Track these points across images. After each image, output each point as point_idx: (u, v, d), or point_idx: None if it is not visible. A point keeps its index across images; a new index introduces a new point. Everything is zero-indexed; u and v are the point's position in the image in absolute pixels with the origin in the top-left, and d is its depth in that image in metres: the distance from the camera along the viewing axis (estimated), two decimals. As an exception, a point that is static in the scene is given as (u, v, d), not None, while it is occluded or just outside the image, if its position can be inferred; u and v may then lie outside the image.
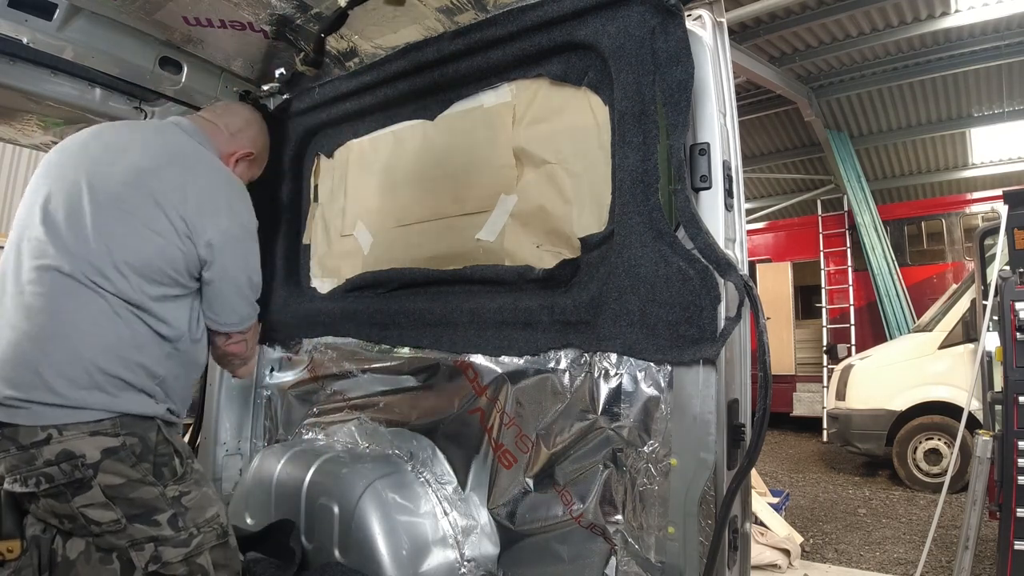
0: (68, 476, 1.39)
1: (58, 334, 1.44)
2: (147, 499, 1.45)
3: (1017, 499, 3.02)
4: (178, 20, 1.97)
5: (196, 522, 1.51)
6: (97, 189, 1.54)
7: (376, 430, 2.11)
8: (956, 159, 10.33)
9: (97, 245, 1.50)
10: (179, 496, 1.51)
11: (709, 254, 1.37)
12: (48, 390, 1.40)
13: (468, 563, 1.79)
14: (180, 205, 1.57)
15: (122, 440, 1.45)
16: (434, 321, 1.91)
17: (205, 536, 1.52)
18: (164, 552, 1.45)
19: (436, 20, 1.84)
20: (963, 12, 7.04)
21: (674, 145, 1.43)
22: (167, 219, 1.55)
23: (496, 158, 1.89)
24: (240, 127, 1.89)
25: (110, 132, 1.72)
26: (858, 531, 4.97)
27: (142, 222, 1.53)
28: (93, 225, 1.51)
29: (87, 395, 1.43)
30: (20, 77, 2.00)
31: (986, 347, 3.90)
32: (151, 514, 1.45)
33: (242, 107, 2.01)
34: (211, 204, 1.63)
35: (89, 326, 1.46)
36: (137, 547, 1.43)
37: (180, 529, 1.48)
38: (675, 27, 1.43)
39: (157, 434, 1.53)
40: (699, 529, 1.37)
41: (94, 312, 1.47)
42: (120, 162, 1.59)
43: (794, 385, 9.64)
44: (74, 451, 1.39)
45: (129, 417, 1.47)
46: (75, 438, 1.40)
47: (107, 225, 1.52)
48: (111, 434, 1.43)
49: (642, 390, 1.52)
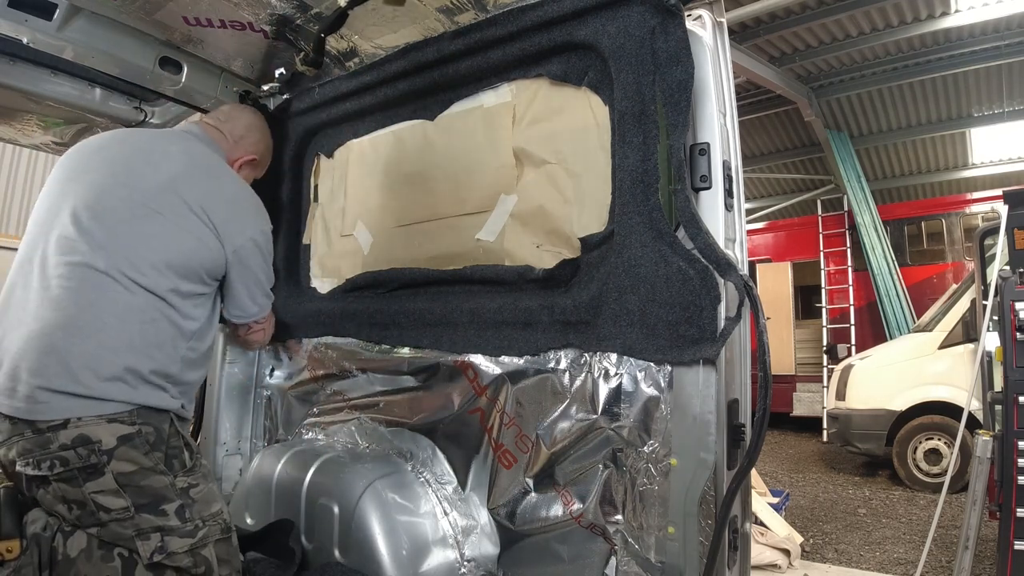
0: (83, 460, 1.42)
1: (87, 326, 1.49)
2: (157, 488, 1.49)
3: (1017, 499, 3.02)
4: (178, 20, 1.97)
5: (202, 515, 1.54)
6: (133, 189, 1.63)
7: (376, 430, 2.11)
8: (956, 159, 10.33)
9: (134, 243, 1.57)
10: (187, 488, 1.54)
11: (709, 254, 1.37)
12: (73, 379, 1.44)
13: (468, 563, 1.79)
14: (211, 212, 1.68)
15: (138, 428, 1.49)
16: (434, 321, 1.91)
17: (210, 529, 1.54)
18: (170, 542, 1.47)
19: (436, 20, 1.84)
20: (963, 12, 7.04)
21: (674, 145, 1.43)
22: (200, 222, 1.66)
23: (496, 158, 1.89)
24: (242, 134, 1.97)
25: (135, 138, 1.82)
26: (858, 531, 4.97)
27: (177, 224, 1.63)
28: (130, 224, 1.59)
29: (109, 387, 1.47)
30: (20, 77, 2.00)
31: (986, 347, 3.90)
32: (159, 503, 1.48)
33: (243, 112, 2.06)
34: (237, 212, 1.77)
35: (117, 321, 1.51)
36: (143, 536, 1.45)
37: (187, 520, 1.50)
38: (675, 27, 1.43)
39: (170, 426, 1.58)
40: (699, 529, 1.37)
41: (122, 308, 1.53)
42: (152, 167, 1.68)
43: (794, 385, 9.64)
44: (91, 436, 1.43)
45: (146, 408, 1.52)
46: (92, 424, 1.44)
47: (144, 225, 1.60)
48: (128, 422, 1.48)
49: (642, 390, 1.52)
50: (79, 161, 1.71)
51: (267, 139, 2.09)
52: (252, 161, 2.01)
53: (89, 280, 1.52)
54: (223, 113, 2.00)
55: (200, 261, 1.66)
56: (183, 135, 1.85)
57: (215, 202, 1.70)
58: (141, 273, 1.56)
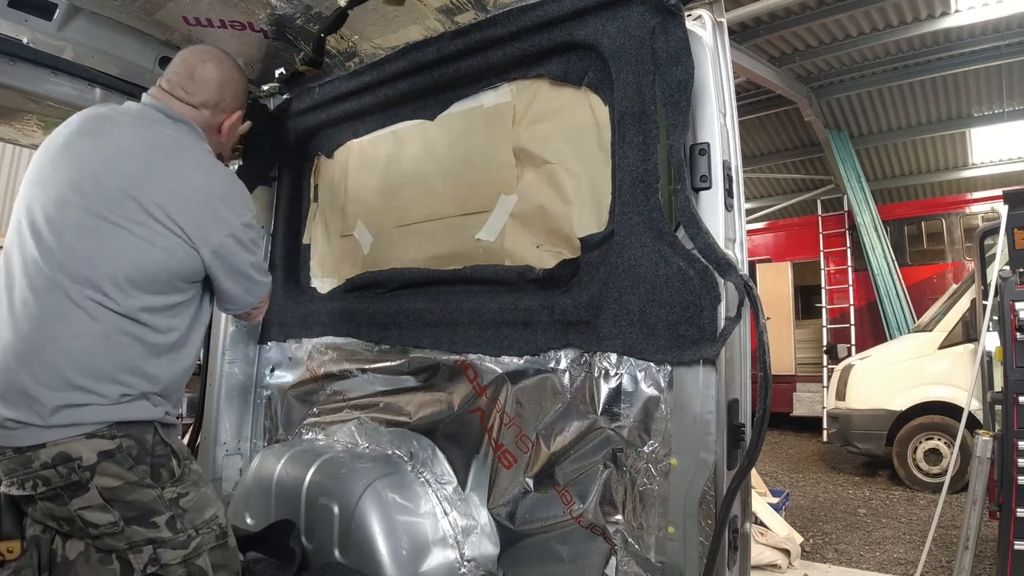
0: (65, 479, 1.38)
1: (50, 355, 1.42)
2: (144, 501, 1.45)
3: (1017, 499, 3.02)
4: (178, 20, 1.97)
5: (195, 523, 1.50)
6: (90, 199, 1.48)
7: (376, 430, 2.11)
8: (956, 159, 10.32)
9: (94, 261, 1.45)
10: (177, 498, 1.50)
11: (709, 254, 1.37)
12: (39, 414, 1.38)
13: (468, 563, 1.79)
14: (178, 216, 1.51)
15: (118, 443, 1.44)
16: (434, 321, 1.91)
17: (204, 537, 1.51)
18: (163, 554, 1.44)
19: (436, 20, 1.84)
20: (963, 12, 7.04)
21: (674, 145, 1.43)
22: (166, 230, 1.50)
23: (496, 158, 1.89)
24: (217, 97, 1.70)
25: (92, 127, 1.61)
26: (858, 531, 4.97)
27: (140, 235, 1.48)
28: (89, 241, 1.47)
29: (81, 411, 1.41)
30: (20, 77, 2.00)
31: (986, 347, 3.90)
32: (149, 516, 1.44)
33: (208, 66, 1.70)
34: (210, 210, 1.57)
35: (83, 348, 1.43)
36: (135, 549, 1.42)
37: (178, 531, 1.47)
38: (675, 27, 1.43)
39: (154, 436, 1.51)
40: (699, 529, 1.37)
41: (88, 335, 1.44)
42: (111, 168, 1.52)
43: (794, 385, 9.64)
44: (71, 453, 1.39)
45: (124, 422, 1.46)
46: (72, 441, 1.39)
47: (102, 241, 1.47)
48: (107, 437, 1.43)
49: (642, 390, 1.52)
50: (41, 164, 1.58)
51: (243, 80, 1.81)
52: (238, 115, 1.79)
53: (51, 305, 1.44)
54: (187, 79, 1.67)
55: (169, 272, 1.51)
56: (151, 122, 1.62)
57: (182, 203, 1.52)
58: (104, 294, 1.44)
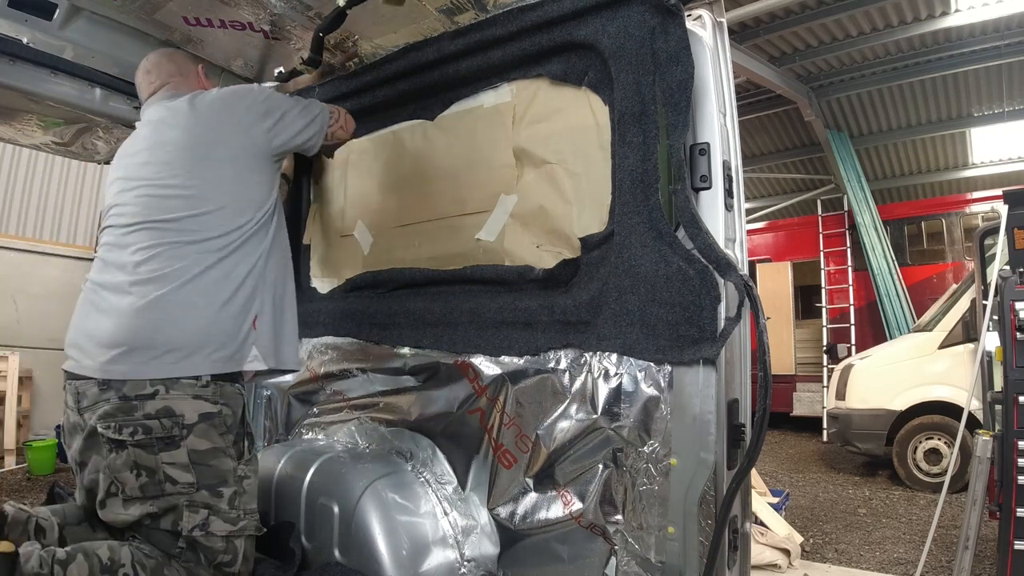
0: (166, 431, 1.48)
1: (174, 296, 1.54)
2: (222, 470, 1.54)
3: (1017, 499, 3.01)
4: (178, 20, 1.97)
5: (246, 507, 1.59)
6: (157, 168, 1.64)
7: (376, 430, 2.11)
8: (956, 159, 10.32)
9: (190, 201, 1.60)
10: (243, 477, 1.59)
11: (709, 254, 1.37)
12: (159, 348, 1.50)
13: (468, 563, 1.79)
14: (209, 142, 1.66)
15: (219, 408, 1.55)
16: (434, 321, 1.91)
17: (249, 522, 1.59)
18: (213, 522, 1.51)
19: (436, 20, 1.84)
20: (963, 12, 7.03)
21: (674, 145, 1.43)
22: (224, 146, 1.66)
23: (496, 158, 1.89)
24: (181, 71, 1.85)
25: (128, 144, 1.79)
26: (858, 531, 4.97)
27: (213, 163, 1.65)
28: (177, 186, 1.61)
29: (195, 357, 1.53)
30: (20, 77, 2.00)
31: (986, 347, 3.90)
32: (219, 485, 1.53)
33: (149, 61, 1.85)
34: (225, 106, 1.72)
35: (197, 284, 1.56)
36: (192, 508, 1.49)
37: (234, 507, 1.55)
38: (675, 27, 1.43)
39: (243, 412, 1.64)
40: (699, 529, 1.37)
41: (201, 270, 1.57)
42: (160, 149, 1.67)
43: (794, 385, 9.63)
44: (175, 410, 1.49)
45: (226, 387, 1.58)
46: (179, 398, 1.50)
47: (190, 178, 1.62)
48: (211, 400, 1.54)
49: (642, 390, 1.52)
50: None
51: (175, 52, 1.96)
52: (203, 65, 1.94)
53: (165, 252, 1.57)
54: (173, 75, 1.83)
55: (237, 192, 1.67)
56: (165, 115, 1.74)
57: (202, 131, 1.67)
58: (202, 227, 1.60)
